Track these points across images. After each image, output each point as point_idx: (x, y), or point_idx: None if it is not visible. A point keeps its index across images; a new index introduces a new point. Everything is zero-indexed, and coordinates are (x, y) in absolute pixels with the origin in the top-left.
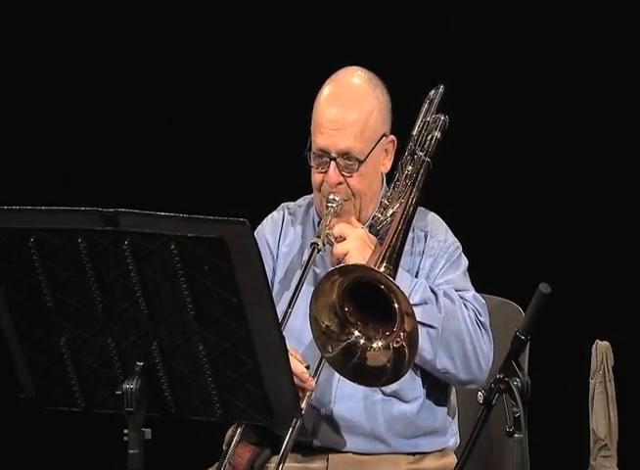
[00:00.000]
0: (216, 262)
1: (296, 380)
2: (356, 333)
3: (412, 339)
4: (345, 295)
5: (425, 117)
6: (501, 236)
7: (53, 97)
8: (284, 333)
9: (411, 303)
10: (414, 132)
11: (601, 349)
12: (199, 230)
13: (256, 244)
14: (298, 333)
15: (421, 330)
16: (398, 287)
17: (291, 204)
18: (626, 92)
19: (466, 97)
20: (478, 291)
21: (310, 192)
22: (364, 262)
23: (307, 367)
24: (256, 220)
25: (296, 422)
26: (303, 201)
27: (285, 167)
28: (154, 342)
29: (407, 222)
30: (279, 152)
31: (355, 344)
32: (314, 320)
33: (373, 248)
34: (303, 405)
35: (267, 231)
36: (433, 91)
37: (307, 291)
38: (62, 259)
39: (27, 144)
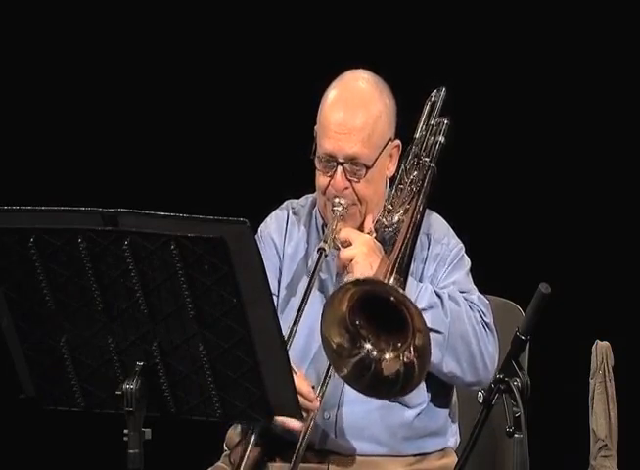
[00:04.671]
0: (216, 262)
1: (301, 399)
2: (368, 346)
3: (423, 354)
4: (356, 308)
5: (428, 119)
6: (501, 236)
7: (53, 97)
8: (289, 346)
9: (418, 307)
10: (417, 135)
11: (601, 349)
12: (199, 230)
13: (256, 244)
14: (304, 345)
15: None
16: (412, 302)
17: (294, 202)
18: (626, 93)
19: (465, 98)
20: (478, 291)
21: (312, 191)
22: (371, 269)
23: (313, 387)
24: (256, 220)
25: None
26: (306, 200)
27: (285, 167)
28: (154, 342)
29: (415, 231)
30: (279, 151)
31: (368, 356)
32: (325, 340)
33: (379, 254)
34: (310, 425)
35: (273, 230)
36: (435, 93)
37: (314, 297)
38: (62, 259)
39: (28, 144)
